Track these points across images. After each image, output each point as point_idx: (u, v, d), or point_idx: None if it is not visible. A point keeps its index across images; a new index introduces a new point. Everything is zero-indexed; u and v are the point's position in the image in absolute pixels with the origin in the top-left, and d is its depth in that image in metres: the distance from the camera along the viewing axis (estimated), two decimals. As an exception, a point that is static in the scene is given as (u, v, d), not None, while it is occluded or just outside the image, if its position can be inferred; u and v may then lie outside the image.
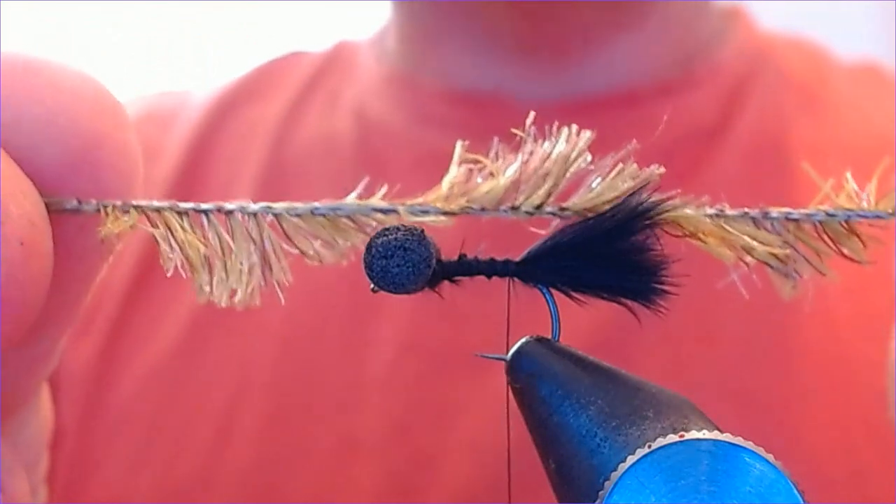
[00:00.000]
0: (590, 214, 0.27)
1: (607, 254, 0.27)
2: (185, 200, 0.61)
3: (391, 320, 0.54)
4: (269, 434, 0.53)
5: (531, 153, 0.27)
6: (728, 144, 0.57)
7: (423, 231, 0.27)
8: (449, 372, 0.53)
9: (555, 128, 0.27)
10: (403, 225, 0.27)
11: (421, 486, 0.51)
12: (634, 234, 0.27)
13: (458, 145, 0.28)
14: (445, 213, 0.27)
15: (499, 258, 0.28)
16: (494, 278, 0.28)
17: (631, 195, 0.27)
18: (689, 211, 0.27)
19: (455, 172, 0.27)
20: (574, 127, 0.27)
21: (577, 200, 0.27)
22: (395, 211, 0.27)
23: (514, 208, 0.27)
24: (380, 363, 0.53)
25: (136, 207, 0.27)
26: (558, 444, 0.26)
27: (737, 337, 0.53)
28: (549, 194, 0.27)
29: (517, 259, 0.28)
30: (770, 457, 0.24)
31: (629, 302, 0.27)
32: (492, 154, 0.27)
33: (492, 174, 0.27)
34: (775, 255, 0.27)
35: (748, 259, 0.27)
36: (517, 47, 0.59)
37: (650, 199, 0.27)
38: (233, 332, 0.55)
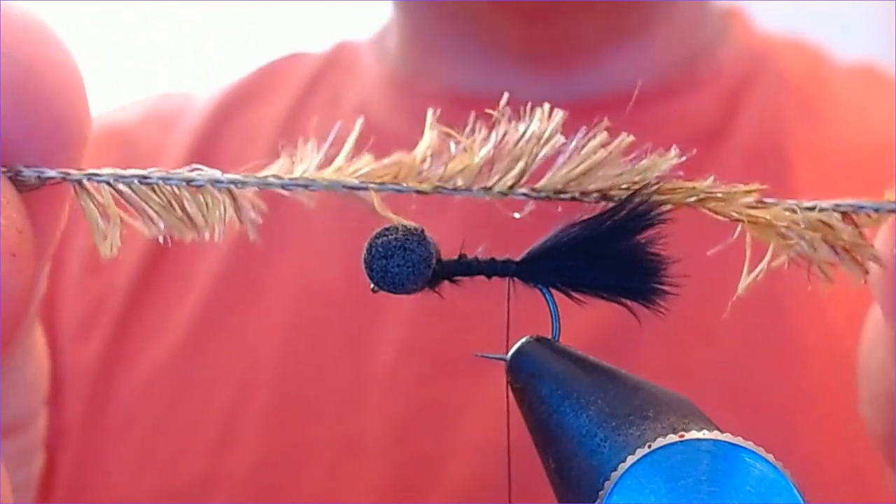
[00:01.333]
0: (563, 195, 0.27)
1: (607, 254, 0.27)
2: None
3: (394, 321, 0.54)
4: (273, 434, 0.53)
5: (505, 133, 0.27)
6: (728, 146, 0.58)
7: (423, 231, 0.27)
8: (451, 372, 0.53)
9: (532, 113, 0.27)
10: (403, 225, 0.27)
11: (423, 486, 0.51)
12: (634, 235, 0.27)
13: (430, 113, 0.27)
14: (419, 192, 0.27)
15: (499, 258, 0.28)
16: (494, 278, 0.28)
17: (631, 195, 0.27)
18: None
19: (429, 141, 0.27)
20: (546, 106, 0.27)
21: (547, 181, 0.27)
22: (365, 188, 0.27)
23: (487, 189, 0.27)
24: (382, 364, 0.54)
25: (94, 177, 0.26)
26: (558, 444, 0.26)
27: (736, 337, 0.53)
28: (521, 175, 0.27)
29: (517, 259, 0.28)
30: (770, 457, 0.24)
31: (629, 302, 0.27)
32: (467, 131, 0.27)
33: (465, 150, 0.27)
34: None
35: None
36: (519, 51, 0.59)
37: (650, 200, 0.27)
38: (236, 332, 0.56)
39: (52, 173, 0.26)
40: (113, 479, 0.53)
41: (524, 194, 0.27)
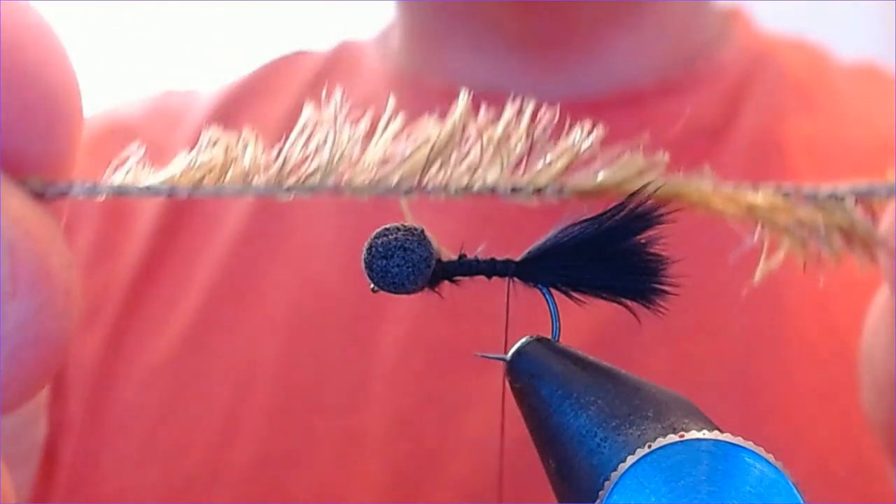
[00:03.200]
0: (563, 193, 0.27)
1: (607, 254, 0.27)
2: (189, 200, 0.60)
3: (396, 317, 0.54)
4: (275, 429, 0.53)
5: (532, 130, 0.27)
6: (729, 144, 0.58)
7: (423, 231, 0.27)
8: (453, 369, 0.53)
9: (563, 126, 0.27)
10: (403, 225, 0.27)
11: (425, 483, 0.51)
12: (634, 235, 0.27)
13: (462, 96, 0.27)
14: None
15: (499, 258, 0.28)
16: (495, 278, 0.28)
17: (631, 195, 0.27)
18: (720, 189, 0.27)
19: (451, 129, 0.27)
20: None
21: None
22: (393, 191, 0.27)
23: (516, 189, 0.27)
24: (384, 360, 0.54)
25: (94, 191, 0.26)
26: (558, 444, 0.26)
27: (737, 336, 0.53)
28: (553, 176, 0.27)
29: (517, 259, 0.28)
30: (770, 457, 0.24)
31: (629, 302, 0.27)
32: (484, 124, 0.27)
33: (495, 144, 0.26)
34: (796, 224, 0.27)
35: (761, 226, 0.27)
36: (521, 47, 0.59)
37: (650, 200, 0.27)
38: (238, 327, 0.56)
39: (55, 188, 0.25)
40: (115, 472, 0.53)
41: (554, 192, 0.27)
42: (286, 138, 0.27)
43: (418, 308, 0.54)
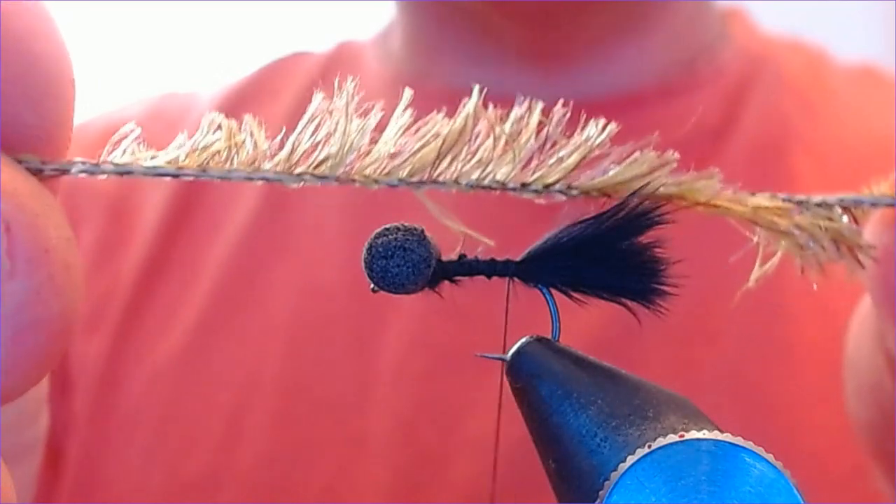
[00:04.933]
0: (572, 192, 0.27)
1: (607, 254, 0.27)
2: (193, 201, 0.60)
3: (399, 319, 0.54)
4: (279, 431, 0.53)
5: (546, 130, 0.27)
6: (731, 146, 0.58)
7: (423, 231, 0.27)
8: (456, 370, 0.53)
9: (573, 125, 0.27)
10: (403, 225, 0.27)
11: (428, 485, 0.51)
12: (635, 235, 0.27)
13: (476, 90, 0.26)
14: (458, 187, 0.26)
15: (499, 258, 0.28)
16: (495, 278, 0.28)
17: (631, 195, 0.27)
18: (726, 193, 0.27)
19: (463, 123, 0.26)
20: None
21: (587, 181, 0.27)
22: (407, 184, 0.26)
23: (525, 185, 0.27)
24: (387, 362, 0.54)
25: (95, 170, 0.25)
26: (558, 444, 0.26)
27: (738, 337, 0.53)
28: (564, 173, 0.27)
29: (517, 259, 0.28)
30: (770, 457, 0.24)
31: (629, 302, 0.27)
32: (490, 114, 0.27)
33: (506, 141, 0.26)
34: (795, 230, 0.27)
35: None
36: (520, 51, 0.59)
37: (651, 200, 0.27)
38: (241, 330, 0.56)
39: (53, 166, 0.24)
40: (120, 474, 0.54)
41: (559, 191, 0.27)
42: (295, 127, 0.26)
43: (422, 310, 0.54)
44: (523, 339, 0.27)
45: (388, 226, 0.27)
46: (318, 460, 0.52)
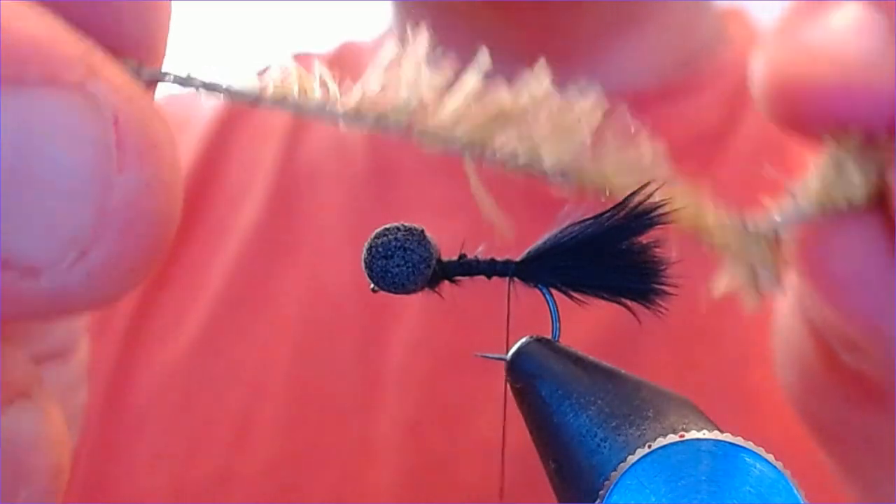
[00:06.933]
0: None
1: (607, 254, 0.27)
2: (200, 205, 0.60)
3: (405, 321, 0.54)
4: (286, 433, 0.53)
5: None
6: (732, 147, 0.58)
7: (423, 231, 0.27)
8: (462, 372, 0.53)
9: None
10: (403, 225, 0.27)
11: (434, 487, 0.51)
12: (635, 235, 0.27)
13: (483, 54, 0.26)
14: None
15: (499, 258, 0.28)
16: (495, 278, 0.28)
17: (631, 195, 0.27)
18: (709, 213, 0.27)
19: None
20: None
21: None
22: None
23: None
24: (394, 363, 0.54)
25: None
26: (558, 444, 0.26)
27: (738, 337, 0.53)
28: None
29: (517, 259, 0.28)
30: (770, 457, 0.24)
31: (629, 302, 0.27)
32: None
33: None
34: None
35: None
36: (517, 51, 0.59)
37: (651, 200, 0.27)
38: (249, 332, 0.56)
39: (150, 71, 0.24)
40: (129, 474, 0.54)
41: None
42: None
43: (428, 312, 0.54)
44: (523, 340, 0.27)
45: (388, 226, 0.27)
46: (326, 462, 0.52)
